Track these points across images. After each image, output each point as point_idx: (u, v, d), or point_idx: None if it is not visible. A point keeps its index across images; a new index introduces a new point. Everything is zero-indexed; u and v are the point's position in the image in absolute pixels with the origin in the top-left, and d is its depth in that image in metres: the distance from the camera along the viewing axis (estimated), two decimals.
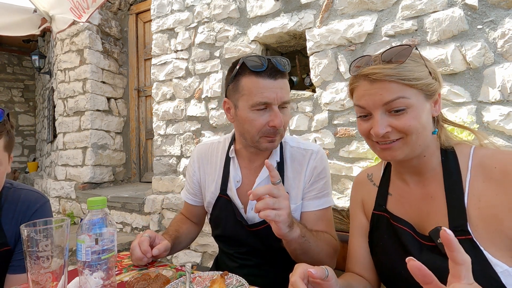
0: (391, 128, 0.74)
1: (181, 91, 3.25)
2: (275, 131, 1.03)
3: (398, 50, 0.74)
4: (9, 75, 7.49)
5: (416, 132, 0.74)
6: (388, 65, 0.74)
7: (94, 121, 4.29)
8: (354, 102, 0.82)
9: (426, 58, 0.79)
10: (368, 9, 2.26)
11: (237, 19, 2.89)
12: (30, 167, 7.12)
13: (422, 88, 0.74)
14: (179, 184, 3.22)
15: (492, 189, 0.72)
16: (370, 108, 0.76)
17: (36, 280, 0.69)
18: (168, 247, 1.07)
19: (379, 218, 0.89)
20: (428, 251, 0.75)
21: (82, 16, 3.06)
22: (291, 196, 1.10)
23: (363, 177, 1.01)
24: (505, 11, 1.83)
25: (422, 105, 0.74)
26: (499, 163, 0.73)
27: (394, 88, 0.72)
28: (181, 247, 1.27)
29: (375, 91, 0.74)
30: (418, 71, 0.74)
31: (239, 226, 1.13)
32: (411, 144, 0.75)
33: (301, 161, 1.13)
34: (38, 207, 1.15)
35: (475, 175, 0.75)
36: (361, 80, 0.78)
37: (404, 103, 0.72)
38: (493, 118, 1.84)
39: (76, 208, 4.23)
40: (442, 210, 0.75)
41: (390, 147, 0.76)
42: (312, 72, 2.49)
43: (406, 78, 0.72)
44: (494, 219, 0.69)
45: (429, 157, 0.80)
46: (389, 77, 0.72)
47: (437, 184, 0.79)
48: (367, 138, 0.81)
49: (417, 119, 0.73)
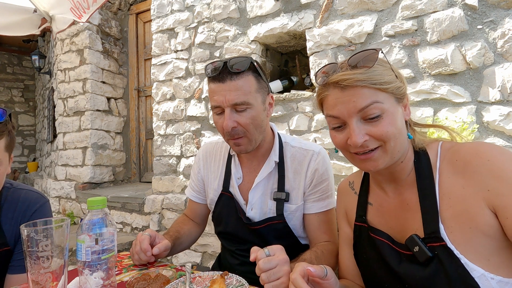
0: (369, 136, 0.71)
1: (181, 91, 3.25)
2: (231, 133, 1.02)
3: (365, 55, 0.73)
4: (9, 75, 7.49)
5: (394, 138, 0.71)
6: (357, 70, 0.71)
7: (94, 121, 4.29)
8: (325, 112, 0.78)
9: (390, 62, 0.78)
10: (368, 9, 2.26)
11: (237, 19, 2.89)
12: (30, 167, 7.12)
13: (393, 92, 0.72)
14: (179, 184, 3.22)
15: (459, 183, 0.70)
16: (345, 117, 0.73)
17: (36, 280, 0.69)
18: (168, 247, 1.06)
19: (361, 229, 0.87)
20: (407, 262, 0.74)
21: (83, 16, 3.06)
22: (291, 196, 1.10)
23: (344, 186, 0.99)
24: (505, 11, 1.83)
25: (395, 109, 0.73)
26: (460, 155, 0.72)
27: (367, 93, 0.70)
28: (182, 248, 1.27)
29: (347, 98, 0.71)
30: (387, 74, 0.73)
31: (241, 224, 1.14)
32: (390, 151, 0.72)
33: (301, 162, 1.12)
34: (38, 207, 1.15)
35: (442, 173, 0.74)
36: (330, 88, 0.75)
37: (378, 108, 0.70)
38: (493, 118, 1.84)
39: (76, 208, 4.23)
40: (418, 217, 0.74)
41: (370, 157, 0.73)
42: (312, 72, 2.49)
43: (377, 82, 0.70)
44: (466, 215, 0.67)
45: (406, 162, 0.78)
46: (361, 82, 0.70)
47: (412, 190, 0.78)
48: (344, 150, 0.78)
49: (393, 125, 0.71)
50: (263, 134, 1.09)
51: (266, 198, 1.12)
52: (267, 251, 0.78)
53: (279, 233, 1.10)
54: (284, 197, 1.09)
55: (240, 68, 0.99)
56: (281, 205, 1.09)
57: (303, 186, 1.10)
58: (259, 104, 1.04)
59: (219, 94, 1.00)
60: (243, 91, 0.99)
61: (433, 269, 0.68)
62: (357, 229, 0.89)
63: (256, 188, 1.13)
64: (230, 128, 1.00)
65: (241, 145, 1.05)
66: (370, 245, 0.83)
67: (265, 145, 1.15)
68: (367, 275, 0.85)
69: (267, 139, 1.15)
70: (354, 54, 0.73)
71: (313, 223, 1.10)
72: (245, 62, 1.00)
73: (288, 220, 1.09)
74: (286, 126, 2.60)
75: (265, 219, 1.10)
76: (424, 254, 0.69)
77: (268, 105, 1.11)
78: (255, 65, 1.04)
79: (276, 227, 1.09)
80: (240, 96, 0.99)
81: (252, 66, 1.03)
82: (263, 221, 1.10)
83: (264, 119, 1.08)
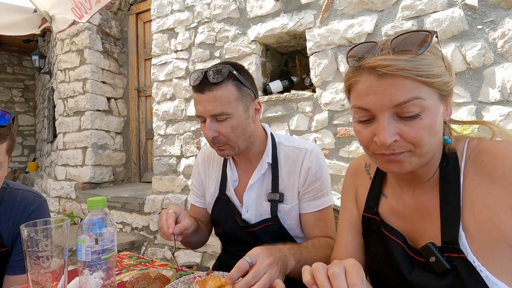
0: (400, 136, 0.60)
1: (181, 91, 3.25)
2: (213, 142, 1.05)
3: (415, 38, 0.58)
4: (9, 75, 7.49)
5: (428, 143, 0.60)
6: (401, 56, 0.58)
7: (94, 121, 4.29)
8: (353, 102, 0.66)
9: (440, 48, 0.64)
10: (368, 9, 2.26)
11: (237, 19, 2.89)
12: (30, 167, 7.12)
13: (439, 87, 0.60)
14: (179, 184, 3.22)
15: (485, 188, 0.61)
16: (376, 110, 0.60)
17: (36, 280, 0.69)
18: (191, 223, 1.04)
19: (370, 221, 0.80)
20: (420, 269, 0.67)
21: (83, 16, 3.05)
22: (285, 197, 1.10)
23: (359, 165, 0.88)
24: (505, 11, 1.83)
25: (437, 109, 0.61)
26: (487, 155, 0.63)
27: (409, 86, 0.58)
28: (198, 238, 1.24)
29: (383, 89, 0.59)
30: (437, 65, 0.60)
31: (237, 227, 1.14)
32: (420, 156, 0.62)
33: (295, 161, 1.11)
34: (35, 207, 1.14)
35: (467, 175, 0.65)
36: (364, 74, 0.61)
37: (419, 105, 0.58)
38: (493, 118, 1.84)
39: (76, 208, 4.23)
40: (436, 222, 0.66)
41: (396, 159, 0.62)
42: (312, 72, 2.49)
43: (424, 73, 0.58)
44: (491, 224, 0.59)
45: (431, 164, 0.68)
46: (404, 72, 0.57)
47: (433, 193, 0.69)
48: (367, 148, 0.66)
49: (431, 127, 0.60)
50: (248, 140, 1.09)
51: (261, 200, 1.13)
52: (248, 260, 0.76)
53: (275, 234, 1.10)
54: (278, 198, 1.09)
55: (219, 78, 1.00)
56: (275, 206, 1.09)
57: (297, 185, 1.09)
58: (240, 112, 1.04)
59: (200, 104, 1.03)
60: (221, 101, 1.00)
61: (449, 281, 0.61)
62: (365, 221, 0.80)
63: (250, 190, 1.14)
64: (211, 137, 1.03)
65: (224, 150, 1.08)
66: (380, 241, 0.76)
67: (257, 147, 1.15)
68: (374, 269, 0.79)
69: (259, 141, 1.15)
70: (400, 35, 0.59)
71: (309, 223, 1.09)
72: (223, 72, 1.00)
73: (283, 220, 1.09)
74: (286, 126, 2.60)
75: (260, 221, 1.11)
76: (442, 265, 0.62)
77: (254, 111, 1.10)
78: (235, 73, 1.03)
79: (272, 228, 1.09)
80: (218, 107, 1.00)
81: (231, 75, 1.02)
82: (258, 223, 1.11)
83: (248, 126, 1.07)
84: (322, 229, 1.09)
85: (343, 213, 0.90)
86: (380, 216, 0.77)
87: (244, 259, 0.76)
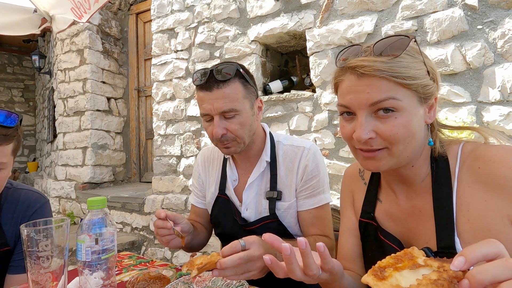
0: (375, 134, 0.63)
1: (181, 91, 3.25)
2: (221, 139, 1.04)
3: (393, 41, 0.62)
4: (9, 75, 7.49)
5: (403, 142, 0.63)
6: (379, 58, 0.62)
7: (94, 121, 4.29)
8: (338, 100, 0.71)
9: (426, 54, 0.67)
10: (368, 9, 2.26)
11: (237, 19, 2.89)
12: (30, 167, 7.12)
13: (416, 90, 0.63)
14: (179, 184, 3.22)
15: (481, 195, 0.62)
16: (355, 108, 0.65)
17: (36, 280, 0.69)
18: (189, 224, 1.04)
19: (367, 226, 0.81)
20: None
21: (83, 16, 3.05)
22: (284, 194, 1.11)
23: (353, 171, 0.91)
24: (505, 11, 1.83)
25: (415, 110, 0.63)
26: (483, 161, 0.63)
27: (384, 86, 0.61)
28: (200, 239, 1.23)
29: (362, 88, 0.63)
30: (414, 68, 0.63)
31: (237, 226, 1.15)
32: (397, 155, 0.65)
33: (293, 159, 1.13)
34: (38, 207, 1.15)
35: (461, 180, 0.65)
36: (347, 73, 0.66)
37: (394, 105, 0.61)
38: (493, 118, 1.84)
39: (76, 208, 4.23)
40: (430, 226, 0.67)
41: (373, 156, 0.66)
42: (312, 72, 2.49)
43: (400, 75, 0.61)
44: (486, 232, 0.60)
45: (418, 167, 0.70)
46: (380, 72, 0.61)
47: (426, 196, 0.70)
48: (349, 142, 0.71)
49: (406, 127, 0.62)
50: (252, 137, 1.11)
51: (260, 198, 1.14)
52: (243, 242, 0.77)
53: (274, 232, 1.09)
54: (276, 196, 1.10)
55: (226, 76, 1.01)
56: (273, 204, 1.10)
57: (295, 183, 1.11)
58: (247, 109, 1.06)
59: (207, 102, 1.02)
60: (230, 98, 1.01)
61: None
62: (362, 226, 0.82)
63: (249, 188, 1.15)
64: (220, 135, 1.03)
65: (231, 147, 1.07)
66: (377, 245, 0.77)
67: (257, 146, 1.16)
68: None
69: (259, 140, 1.17)
70: (383, 39, 0.63)
71: (306, 220, 1.10)
72: (231, 70, 1.02)
73: (282, 218, 1.10)
74: (286, 126, 2.61)
75: (259, 219, 1.12)
76: None
77: (257, 109, 1.13)
78: (241, 71, 1.05)
79: (271, 226, 1.10)
80: (227, 103, 1.01)
81: (238, 73, 1.04)
82: (257, 221, 1.12)
83: (253, 123, 1.09)
84: (318, 227, 1.10)
85: (343, 220, 0.92)
86: (376, 221, 0.79)
87: (239, 241, 0.77)
